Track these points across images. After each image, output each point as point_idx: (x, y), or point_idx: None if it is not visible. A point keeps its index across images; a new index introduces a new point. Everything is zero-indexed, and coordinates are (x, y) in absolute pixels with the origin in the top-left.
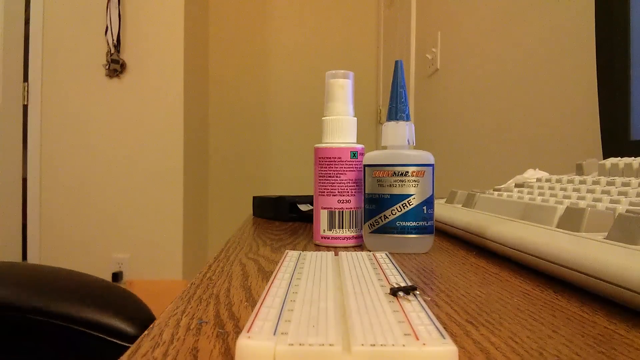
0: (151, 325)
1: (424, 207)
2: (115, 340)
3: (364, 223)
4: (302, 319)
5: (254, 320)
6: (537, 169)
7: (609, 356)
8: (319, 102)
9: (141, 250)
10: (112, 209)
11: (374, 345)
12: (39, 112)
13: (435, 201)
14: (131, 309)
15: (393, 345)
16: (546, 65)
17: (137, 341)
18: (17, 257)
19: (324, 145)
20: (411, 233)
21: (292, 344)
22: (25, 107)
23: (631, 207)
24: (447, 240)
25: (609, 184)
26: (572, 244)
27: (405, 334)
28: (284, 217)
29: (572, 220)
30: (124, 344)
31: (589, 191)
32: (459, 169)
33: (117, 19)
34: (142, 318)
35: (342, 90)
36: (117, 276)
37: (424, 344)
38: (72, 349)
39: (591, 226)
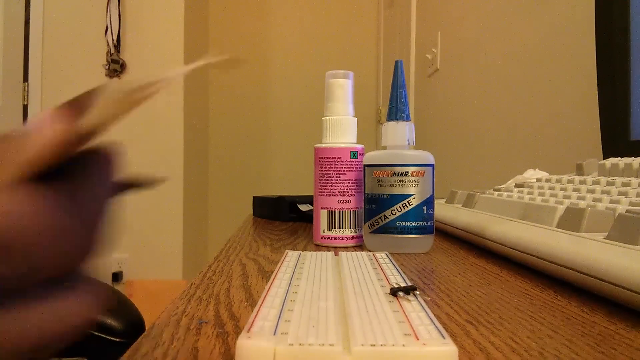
0: (151, 325)
1: (424, 207)
2: (102, 335)
3: (364, 223)
4: (302, 319)
5: (254, 320)
6: (537, 169)
7: (609, 356)
8: (319, 102)
9: (141, 250)
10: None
11: (374, 345)
12: (39, 112)
13: (435, 201)
14: (120, 307)
15: (393, 345)
16: (546, 65)
17: (138, 341)
18: None
19: (324, 145)
20: (411, 233)
21: (292, 344)
22: (25, 107)
23: (631, 207)
24: (447, 240)
25: (609, 184)
26: (572, 244)
27: (405, 334)
28: (284, 217)
29: (572, 220)
30: (111, 338)
31: (589, 191)
32: (459, 169)
33: (117, 19)
34: (129, 316)
35: (342, 90)
36: (117, 276)
37: (424, 344)
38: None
39: (591, 226)
